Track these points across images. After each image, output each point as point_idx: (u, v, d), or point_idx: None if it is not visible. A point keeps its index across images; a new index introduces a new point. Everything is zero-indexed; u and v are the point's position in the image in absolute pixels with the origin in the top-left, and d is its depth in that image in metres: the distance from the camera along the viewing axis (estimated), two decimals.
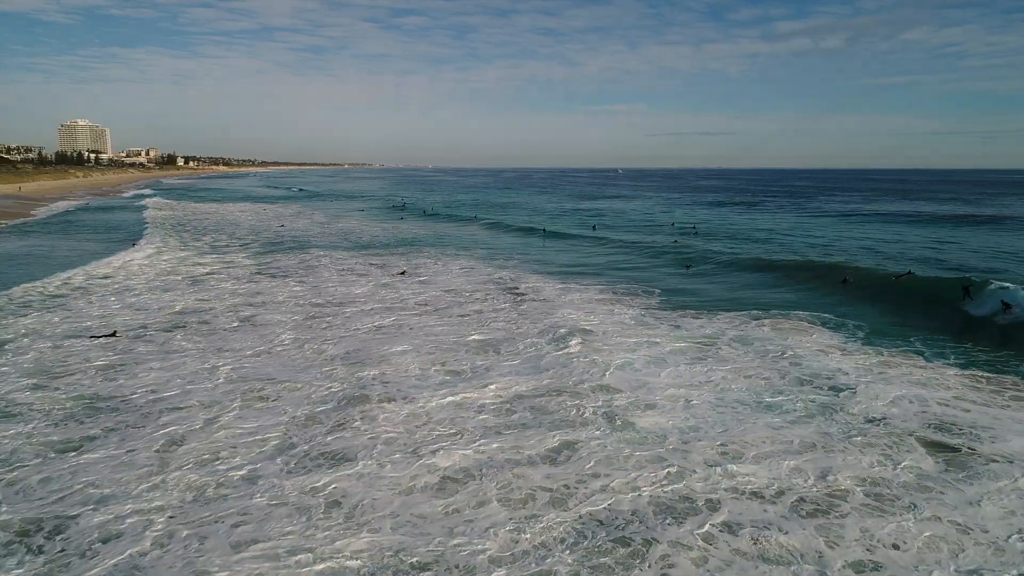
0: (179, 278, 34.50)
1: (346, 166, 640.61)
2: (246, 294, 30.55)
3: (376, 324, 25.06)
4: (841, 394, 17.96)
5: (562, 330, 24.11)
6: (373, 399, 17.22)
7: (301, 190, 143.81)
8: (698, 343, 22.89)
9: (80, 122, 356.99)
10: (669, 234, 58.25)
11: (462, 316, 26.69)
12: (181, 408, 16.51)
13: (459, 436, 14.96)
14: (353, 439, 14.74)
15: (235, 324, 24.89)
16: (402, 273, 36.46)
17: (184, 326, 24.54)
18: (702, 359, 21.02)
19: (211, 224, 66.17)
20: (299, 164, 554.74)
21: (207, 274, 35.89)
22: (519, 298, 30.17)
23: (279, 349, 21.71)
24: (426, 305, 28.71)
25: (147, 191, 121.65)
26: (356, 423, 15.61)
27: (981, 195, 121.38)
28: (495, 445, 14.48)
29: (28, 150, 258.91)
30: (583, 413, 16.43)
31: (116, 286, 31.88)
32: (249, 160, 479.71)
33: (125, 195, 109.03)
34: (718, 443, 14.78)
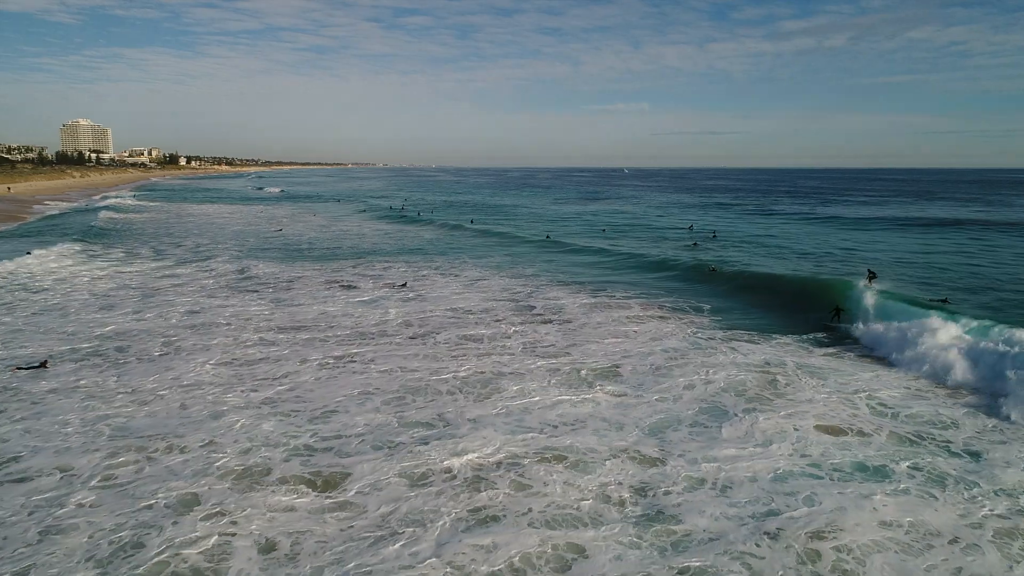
0: (132, 291, 29.86)
1: (349, 166, 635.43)
2: (193, 313, 25.81)
3: (333, 355, 19.99)
4: (962, 458, 13.40)
5: (577, 363, 19.15)
6: (276, 471, 12.45)
7: (284, 191, 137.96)
8: (760, 373, 18.08)
9: (82, 122, 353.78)
10: (687, 237, 53.82)
11: (452, 344, 21.42)
12: (21, 480, 12.03)
13: (398, 539, 10.30)
14: (232, 548, 10.00)
15: (156, 353, 20.22)
16: (403, 285, 31.88)
17: (97, 354, 20.02)
18: (768, 403, 16.14)
19: (194, 228, 61.52)
20: (302, 164, 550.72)
21: (168, 287, 30.97)
22: (534, 319, 24.99)
23: (189, 391, 16.93)
24: (411, 327, 23.54)
25: (126, 193, 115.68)
26: (247, 515, 10.87)
27: (994, 196, 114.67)
28: (451, 555, 9.87)
29: (29, 150, 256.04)
30: (595, 496, 11.65)
31: (46, 302, 27.39)
32: (252, 160, 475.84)
33: (95, 197, 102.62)
34: (790, 543, 10.16)
